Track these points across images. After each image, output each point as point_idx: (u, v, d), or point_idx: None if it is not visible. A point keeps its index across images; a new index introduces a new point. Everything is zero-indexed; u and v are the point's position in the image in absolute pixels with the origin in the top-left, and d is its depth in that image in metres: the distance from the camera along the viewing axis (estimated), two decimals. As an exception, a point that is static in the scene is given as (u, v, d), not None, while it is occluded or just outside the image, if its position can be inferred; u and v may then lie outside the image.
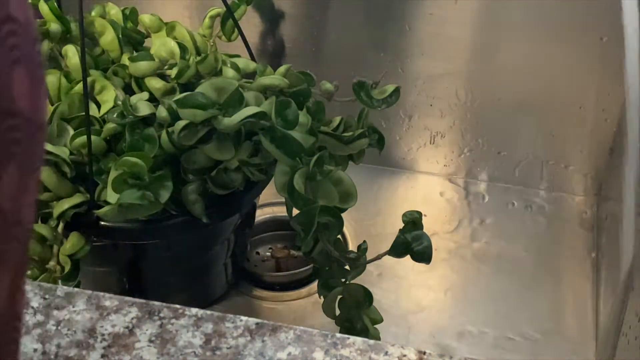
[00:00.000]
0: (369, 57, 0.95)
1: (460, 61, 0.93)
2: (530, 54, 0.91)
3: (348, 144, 0.72)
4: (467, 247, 0.95)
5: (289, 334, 0.57)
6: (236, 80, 0.71)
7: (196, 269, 0.83)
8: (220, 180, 0.70)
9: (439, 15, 0.90)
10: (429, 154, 1.02)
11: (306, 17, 0.94)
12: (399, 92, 0.74)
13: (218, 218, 0.73)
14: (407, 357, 0.56)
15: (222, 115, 0.66)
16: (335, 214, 0.66)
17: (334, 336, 0.57)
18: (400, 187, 1.02)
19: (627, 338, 0.71)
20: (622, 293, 0.64)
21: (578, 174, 0.99)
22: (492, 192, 1.01)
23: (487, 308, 0.88)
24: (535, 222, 0.98)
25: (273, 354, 0.56)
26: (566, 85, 0.92)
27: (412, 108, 0.98)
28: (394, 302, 0.88)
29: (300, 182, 0.65)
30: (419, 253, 0.67)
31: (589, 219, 0.98)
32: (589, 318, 0.87)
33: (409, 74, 0.95)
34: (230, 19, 0.79)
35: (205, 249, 0.81)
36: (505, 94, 0.94)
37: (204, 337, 0.57)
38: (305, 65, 0.92)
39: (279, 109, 0.68)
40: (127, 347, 0.56)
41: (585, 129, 0.94)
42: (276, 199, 0.95)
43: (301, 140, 0.67)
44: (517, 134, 0.97)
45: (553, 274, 0.91)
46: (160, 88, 0.71)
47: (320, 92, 0.74)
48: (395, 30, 0.92)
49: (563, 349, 0.85)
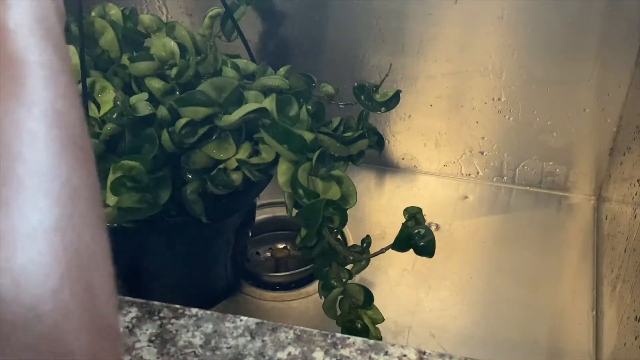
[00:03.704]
0: (369, 57, 0.95)
1: (460, 61, 0.93)
2: (530, 54, 0.91)
3: (348, 145, 0.72)
4: (467, 247, 0.95)
5: (289, 334, 0.57)
6: (236, 80, 0.71)
7: (196, 269, 0.83)
8: (220, 180, 0.70)
9: (439, 15, 0.90)
10: (429, 154, 1.02)
11: (306, 17, 0.94)
12: (399, 96, 0.74)
13: (218, 218, 0.73)
14: (407, 357, 0.56)
15: (223, 113, 0.66)
16: (339, 208, 0.66)
17: (334, 336, 0.57)
18: (400, 187, 1.02)
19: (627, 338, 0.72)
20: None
21: (578, 174, 0.99)
22: (492, 192, 1.01)
23: (487, 308, 0.88)
24: (535, 222, 0.98)
25: (273, 354, 0.56)
26: (566, 86, 0.92)
27: (412, 108, 0.98)
28: (394, 302, 0.88)
29: (304, 177, 0.66)
30: (422, 247, 0.67)
31: (589, 219, 0.98)
32: (589, 318, 0.87)
33: (408, 74, 0.95)
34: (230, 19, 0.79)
35: (205, 249, 0.81)
36: (505, 94, 0.94)
37: (204, 337, 0.57)
38: (305, 65, 0.92)
39: (280, 105, 0.68)
40: (127, 347, 0.56)
41: (585, 129, 0.94)
42: (276, 199, 0.95)
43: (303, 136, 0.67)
44: (517, 133, 0.97)
45: (553, 274, 0.92)
46: (160, 88, 0.71)
47: (320, 94, 0.74)
48: (395, 30, 0.92)
49: (563, 349, 0.85)
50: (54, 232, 0.27)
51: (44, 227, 0.27)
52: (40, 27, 0.31)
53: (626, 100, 0.90)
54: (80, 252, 0.28)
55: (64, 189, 0.28)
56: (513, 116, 0.96)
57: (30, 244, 0.26)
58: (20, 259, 0.25)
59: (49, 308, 0.25)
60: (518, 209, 0.99)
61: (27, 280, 0.25)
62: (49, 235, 0.27)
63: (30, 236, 0.26)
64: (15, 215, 0.26)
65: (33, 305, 0.25)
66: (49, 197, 0.27)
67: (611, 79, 0.89)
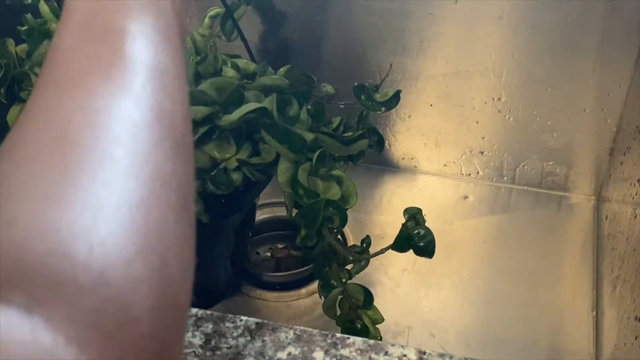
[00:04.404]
0: (369, 58, 0.95)
1: (460, 61, 0.93)
2: (530, 54, 0.91)
3: (348, 145, 0.72)
4: (466, 247, 0.95)
5: (289, 334, 0.57)
6: (236, 80, 0.71)
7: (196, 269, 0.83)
8: (220, 180, 0.70)
9: (439, 15, 0.90)
10: (429, 154, 1.02)
11: (306, 17, 0.94)
12: (399, 96, 0.74)
13: (218, 218, 0.73)
14: (407, 357, 0.56)
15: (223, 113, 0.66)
16: (339, 208, 0.66)
17: (334, 336, 0.57)
18: (400, 187, 1.02)
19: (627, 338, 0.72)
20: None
21: (578, 174, 0.99)
22: (492, 192, 1.01)
23: (487, 308, 0.88)
24: (535, 222, 0.98)
25: (273, 354, 0.56)
26: (566, 86, 0.92)
27: (412, 108, 0.98)
28: (394, 302, 0.89)
29: (304, 177, 0.66)
30: (422, 247, 0.67)
31: (589, 219, 0.98)
32: (589, 318, 0.87)
33: (409, 74, 0.95)
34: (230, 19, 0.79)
35: (205, 249, 0.81)
36: (505, 94, 0.94)
37: (204, 337, 0.57)
38: (305, 65, 0.92)
39: (280, 105, 0.68)
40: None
41: (585, 129, 0.94)
42: (276, 199, 0.95)
43: (303, 135, 0.67)
44: (517, 134, 0.97)
45: (553, 274, 0.92)
46: (160, 88, 0.71)
47: (320, 94, 0.74)
48: (395, 30, 0.92)
49: (563, 349, 0.85)
50: (138, 209, 0.28)
51: (129, 204, 0.28)
52: (160, 35, 0.35)
53: (626, 100, 0.90)
54: (162, 232, 0.29)
55: (155, 175, 0.30)
56: (513, 116, 0.96)
57: (112, 218, 0.27)
58: (100, 229, 0.27)
59: (118, 276, 0.26)
60: (518, 209, 0.99)
61: (103, 249, 0.26)
62: (133, 211, 0.28)
63: (114, 210, 0.28)
64: (103, 189, 0.28)
65: (103, 271, 0.26)
66: (139, 179, 0.29)
67: (611, 79, 0.89)
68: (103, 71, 0.32)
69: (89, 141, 0.29)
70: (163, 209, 0.30)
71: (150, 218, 0.29)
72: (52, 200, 0.27)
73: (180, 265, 0.31)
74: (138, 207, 0.28)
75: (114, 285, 0.26)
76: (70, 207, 0.27)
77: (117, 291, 0.26)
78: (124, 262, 0.27)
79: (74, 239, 0.26)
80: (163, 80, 0.33)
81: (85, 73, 0.32)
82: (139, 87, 0.32)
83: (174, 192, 0.31)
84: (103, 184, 0.28)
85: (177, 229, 0.31)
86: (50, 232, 0.26)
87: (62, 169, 0.28)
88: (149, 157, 0.30)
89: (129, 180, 0.29)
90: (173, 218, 0.30)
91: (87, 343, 0.25)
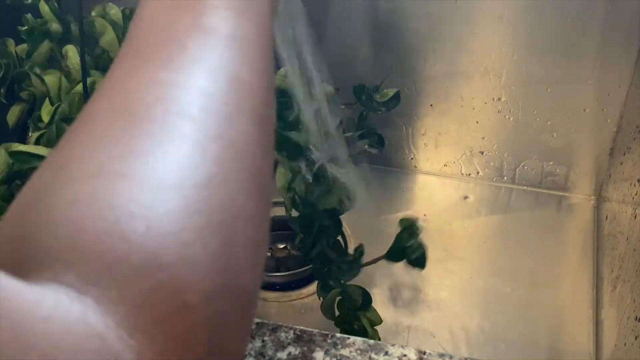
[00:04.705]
0: (369, 58, 0.95)
1: (460, 61, 0.93)
2: (530, 54, 0.91)
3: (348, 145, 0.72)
4: (466, 247, 0.95)
5: (289, 334, 0.57)
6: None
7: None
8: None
9: (439, 15, 0.90)
10: (429, 154, 1.02)
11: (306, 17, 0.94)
12: (399, 96, 0.74)
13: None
14: (407, 357, 0.56)
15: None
16: (334, 217, 0.66)
17: (334, 336, 0.57)
18: (401, 187, 1.02)
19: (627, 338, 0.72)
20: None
21: (578, 174, 0.99)
22: (493, 193, 1.01)
23: (487, 308, 0.88)
24: (535, 222, 0.98)
25: (273, 354, 0.56)
26: (566, 86, 0.92)
27: (412, 108, 0.98)
28: (394, 302, 0.88)
29: (301, 185, 0.65)
30: (414, 260, 0.68)
31: (589, 219, 0.98)
32: (589, 318, 0.87)
33: (409, 74, 0.95)
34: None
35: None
36: (505, 94, 0.94)
37: (203, 337, 0.57)
38: (305, 65, 0.92)
39: (279, 109, 0.68)
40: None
41: (585, 129, 0.94)
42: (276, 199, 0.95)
43: (301, 140, 0.67)
44: (517, 134, 0.97)
45: (553, 274, 0.91)
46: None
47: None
48: (395, 30, 0.92)
49: (563, 349, 0.85)
50: (203, 188, 0.27)
51: (194, 182, 0.27)
52: (245, 7, 0.34)
53: (626, 100, 0.90)
54: (228, 212, 0.28)
55: (225, 151, 0.29)
56: (513, 116, 0.96)
57: (173, 197, 0.26)
58: (159, 208, 0.26)
59: (173, 258, 0.25)
60: (518, 209, 0.99)
61: (160, 229, 0.25)
62: (197, 190, 0.27)
63: (176, 189, 0.26)
64: (167, 166, 0.27)
65: (158, 252, 0.25)
66: (206, 156, 0.28)
67: (611, 79, 0.89)
68: (179, 42, 0.31)
69: (159, 116, 0.28)
70: (231, 187, 0.28)
71: (215, 197, 0.27)
72: (115, 177, 0.26)
73: (248, 247, 0.29)
74: (203, 185, 0.27)
75: (168, 268, 0.25)
76: (131, 185, 0.26)
77: (171, 274, 0.25)
78: (180, 243, 0.25)
79: (131, 217, 0.25)
80: (242, 49, 0.32)
81: (161, 45, 0.31)
82: (215, 58, 0.31)
83: (246, 169, 0.29)
84: (168, 161, 0.27)
85: (246, 209, 0.29)
86: (108, 210, 0.25)
87: (129, 145, 0.27)
88: (221, 132, 0.29)
89: (197, 157, 0.28)
90: (243, 197, 0.29)
91: (137, 328, 0.24)
